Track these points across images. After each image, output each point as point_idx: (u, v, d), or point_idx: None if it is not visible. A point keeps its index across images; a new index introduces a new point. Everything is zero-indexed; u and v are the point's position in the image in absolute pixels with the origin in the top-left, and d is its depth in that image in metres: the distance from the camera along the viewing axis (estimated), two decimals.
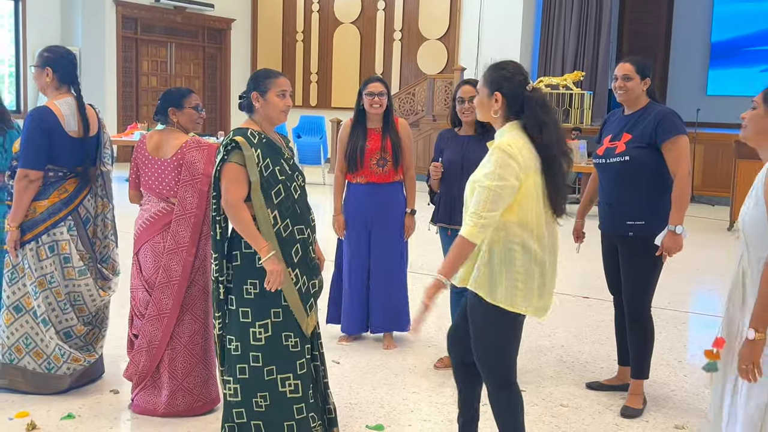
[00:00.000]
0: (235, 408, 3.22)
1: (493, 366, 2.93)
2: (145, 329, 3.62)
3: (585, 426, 3.71)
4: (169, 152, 3.64)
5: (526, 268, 2.80)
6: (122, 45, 14.30)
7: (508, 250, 2.79)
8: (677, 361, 4.70)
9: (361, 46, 15.71)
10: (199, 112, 3.74)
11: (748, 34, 15.76)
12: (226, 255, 3.21)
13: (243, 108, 3.30)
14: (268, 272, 3.09)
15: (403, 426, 3.65)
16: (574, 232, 4.23)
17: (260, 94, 3.22)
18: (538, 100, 2.86)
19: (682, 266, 7.21)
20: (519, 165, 2.74)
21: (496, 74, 2.88)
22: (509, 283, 2.79)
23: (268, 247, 3.10)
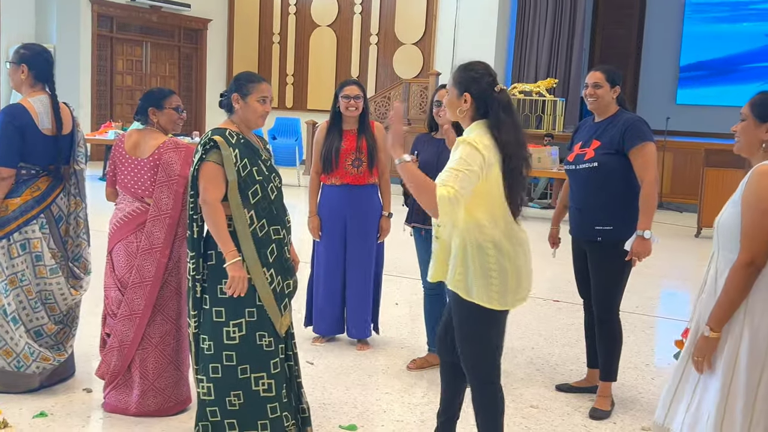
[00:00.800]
0: (209, 407, 3.24)
1: (475, 363, 2.98)
2: (117, 328, 3.63)
3: (554, 427, 3.78)
4: (147, 152, 3.65)
5: (500, 264, 2.85)
6: (97, 43, 14.20)
7: (481, 248, 2.85)
8: (645, 364, 4.79)
9: (337, 49, 15.75)
10: (179, 113, 3.75)
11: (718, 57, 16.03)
12: (202, 254, 3.24)
13: (223, 107, 3.34)
14: (231, 277, 3.13)
15: (375, 426, 3.69)
16: (550, 238, 4.30)
17: (241, 96, 3.26)
18: (502, 102, 2.90)
19: (651, 271, 7.34)
20: (483, 159, 2.78)
21: (465, 75, 2.93)
22: (485, 281, 2.85)
23: (235, 252, 3.15)
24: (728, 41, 15.90)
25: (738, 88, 15.28)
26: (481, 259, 2.85)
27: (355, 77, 15.48)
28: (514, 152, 2.87)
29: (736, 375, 2.53)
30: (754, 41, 15.61)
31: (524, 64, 14.76)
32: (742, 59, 15.74)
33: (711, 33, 16.10)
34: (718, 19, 16.06)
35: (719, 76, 15.98)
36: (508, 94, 2.95)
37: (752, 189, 2.51)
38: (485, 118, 2.90)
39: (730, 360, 2.54)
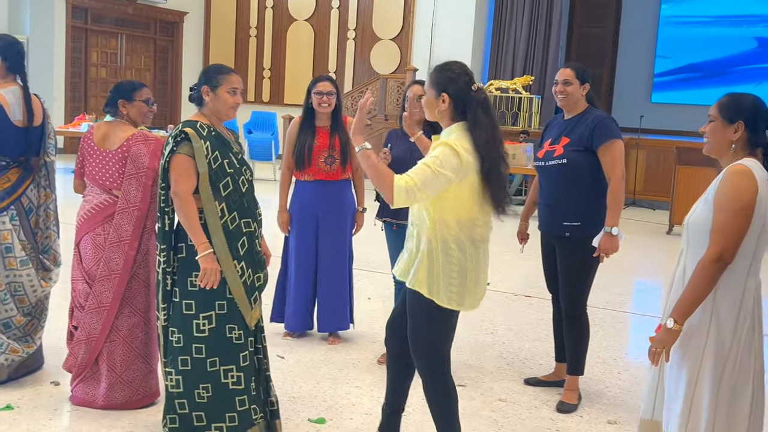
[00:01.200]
0: (177, 399, 3.25)
1: (427, 357, 3.02)
2: (85, 321, 3.61)
3: (521, 420, 3.82)
4: (115, 144, 3.63)
5: (462, 266, 2.89)
6: (71, 35, 14.05)
7: (446, 248, 2.88)
8: (612, 359, 4.86)
9: (314, 43, 15.72)
10: (149, 106, 3.74)
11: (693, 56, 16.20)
12: (173, 247, 3.24)
13: (193, 100, 3.34)
14: (203, 269, 3.14)
15: (344, 419, 3.70)
16: (519, 233, 4.35)
17: (211, 88, 3.26)
18: (480, 100, 2.93)
19: (622, 267, 7.43)
20: (461, 163, 2.81)
21: (442, 75, 2.95)
22: (445, 281, 2.89)
23: (206, 244, 3.15)
24: (701, 41, 16.07)
25: (714, 90, 15.46)
26: (445, 259, 2.89)
27: (332, 72, 15.48)
28: (492, 152, 2.90)
29: (702, 371, 2.59)
30: (728, 43, 15.79)
31: (501, 60, 14.82)
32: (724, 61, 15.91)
33: (686, 34, 16.26)
34: (693, 20, 16.22)
35: (695, 76, 16.14)
36: (485, 92, 2.97)
37: (725, 189, 2.56)
38: (463, 117, 2.92)
39: (696, 356, 2.60)
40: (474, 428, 3.68)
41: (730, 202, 2.53)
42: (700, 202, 2.70)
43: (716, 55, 15.67)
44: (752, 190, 2.54)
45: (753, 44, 15.42)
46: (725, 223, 2.53)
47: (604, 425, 3.82)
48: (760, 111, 2.63)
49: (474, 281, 2.94)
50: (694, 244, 2.66)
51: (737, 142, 2.64)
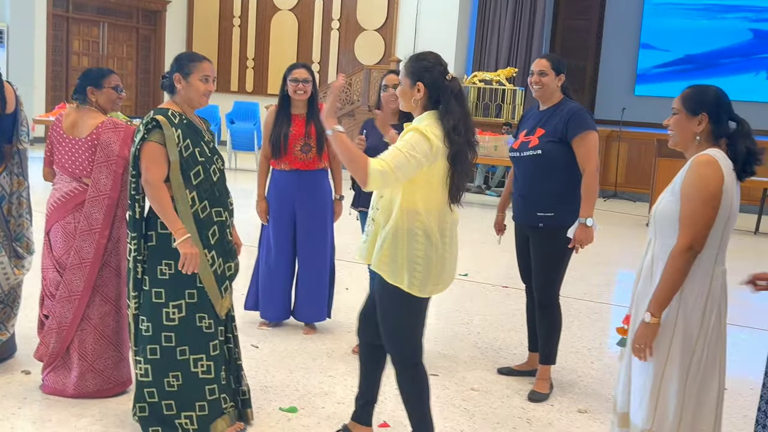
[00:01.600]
0: (147, 388, 3.24)
1: (398, 345, 3.03)
2: (56, 310, 3.60)
3: (493, 409, 3.84)
4: (84, 131, 3.60)
5: (427, 253, 2.90)
6: (53, 23, 13.93)
7: (412, 234, 2.89)
8: (587, 349, 4.89)
9: (298, 33, 15.66)
10: (118, 92, 3.71)
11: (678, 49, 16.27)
12: (143, 235, 3.23)
13: (164, 87, 3.32)
14: (183, 255, 3.12)
15: (316, 408, 3.71)
16: (495, 225, 4.36)
17: (183, 76, 3.24)
18: (454, 90, 2.95)
19: (600, 259, 7.48)
20: (431, 148, 2.83)
21: (417, 65, 2.96)
22: (409, 267, 2.90)
23: (183, 230, 3.14)
24: (686, 35, 16.14)
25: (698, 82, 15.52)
26: (410, 245, 2.90)
27: (317, 62, 15.44)
28: (460, 139, 2.91)
29: (670, 360, 2.61)
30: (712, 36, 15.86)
31: (485, 52, 14.84)
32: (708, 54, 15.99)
33: (672, 25, 16.32)
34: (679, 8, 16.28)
35: (683, 68, 16.21)
36: (459, 82, 2.99)
37: (692, 179, 2.58)
38: (437, 106, 2.94)
39: (664, 346, 2.62)
40: (446, 417, 3.70)
41: (697, 192, 2.55)
42: (667, 192, 2.72)
43: (703, 47, 15.74)
44: (718, 180, 2.56)
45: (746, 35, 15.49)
46: (694, 213, 2.55)
47: (574, 414, 3.84)
48: (722, 103, 2.65)
49: (439, 269, 2.95)
50: (661, 235, 2.68)
51: (701, 133, 2.65)
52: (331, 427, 3.47)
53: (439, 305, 5.66)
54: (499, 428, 3.63)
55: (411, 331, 3.03)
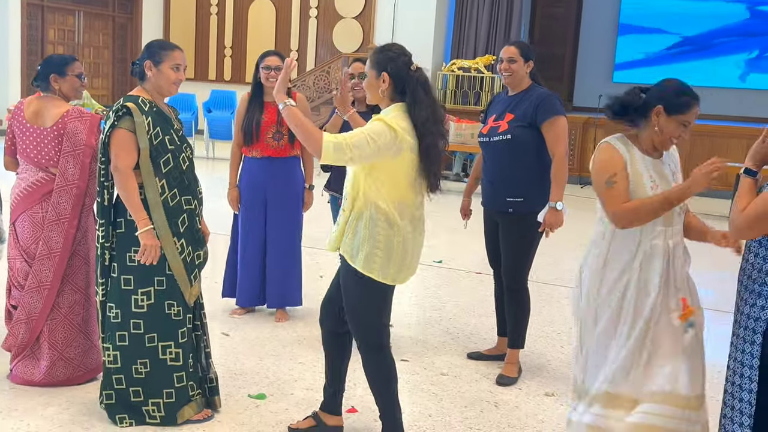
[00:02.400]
0: (115, 374, 3.25)
1: (362, 329, 3.06)
2: (25, 301, 3.58)
3: (461, 393, 3.88)
4: (49, 121, 3.58)
5: (388, 239, 2.94)
6: (27, 12, 13.76)
7: (374, 220, 2.93)
8: (556, 333, 4.93)
9: (276, 21, 15.57)
10: (81, 80, 3.69)
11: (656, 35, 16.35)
12: (112, 222, 3.23)
13: (135, 74, 3.33)
14: (143, 245, 3.15)
15: (285, 394, 3.73)
16: (462, 209, 4.39)
17: (154, 63, 3.25)
18: (420, 80, 2.98)
19: (572, 244, 7.52)
20: (396, 138, 2.87)
21: (382, 56, 3.00)
22: (370, 251, 2.93)
23: (147, 220, 3.15)
24: (666, 20, 16.22)
25: (675, 66, 15.67)
26: (372, 230, 2.93)
27: (295, 50, 15.37)
28: (430, 129, 2.95)
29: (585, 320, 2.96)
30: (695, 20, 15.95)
31: (463, 40, 14.83)
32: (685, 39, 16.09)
33: (648, 12, 16.39)
34: None
35: (656, 55, 16.30)
36: (424, 73, 3.02)
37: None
38: (403, 97, 2.97)
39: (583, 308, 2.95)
40: (414, 402, 3.73)
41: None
42: None
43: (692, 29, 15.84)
44: None
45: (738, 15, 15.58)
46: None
47: (541, 397, 3.89)
48: None
49: (400, 256, 2.98)
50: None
51: None
52: (300, 413, 3.49)
53: (411, 291, 5.69)
54: (467, 411, 3.67)
55: (374, 315, 3.05)
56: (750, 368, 2.47)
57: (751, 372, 2.47)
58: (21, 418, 3.31)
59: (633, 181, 2.80)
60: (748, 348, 2.49)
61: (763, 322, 2.46)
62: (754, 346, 2.47)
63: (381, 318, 3.08)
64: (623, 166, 2.80)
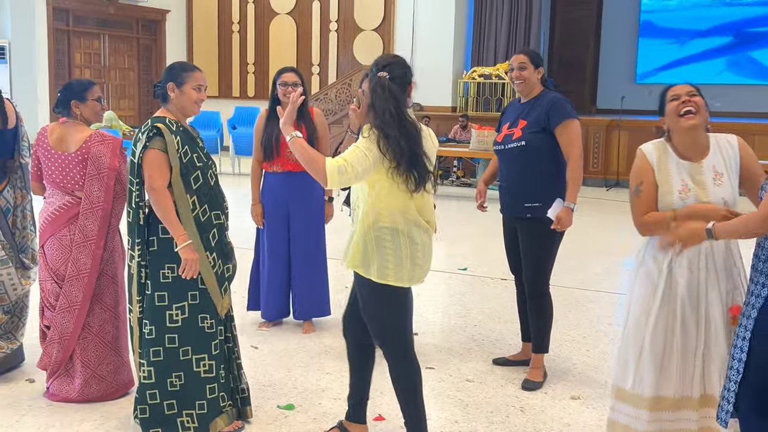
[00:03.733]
0: (149, 390, 3.34)
1: (385, 338, 3.11)
2: (57, 321, 3.68)
3: (487, 399, 3.91)
4: (73, 146, 3.68)
5: (396, 248, 3.00)
6: (54, 37, 14.08)
7: (379, 235, 3.00)
8: (582, 337, 4.94)
9: (297, 36, 15.75)
10: (101, 104, 3.81)
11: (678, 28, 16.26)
12: (146, 240, 3.32)
13: (157, 96, 3.43)
14: (184, 260, 3.23)
15: (313, 404, 3.79)
16: (477, 193, 4.35)
17: (177, 85, 3.35)
18: (375, 86, 2.96)
19: (598, 248, 7.54)
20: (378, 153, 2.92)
21: (371, 68, 3.07)
22: (381, 258, 2.99)
23: (185, 236, 3.25)
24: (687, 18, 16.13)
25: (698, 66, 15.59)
26: (378, 244, 3.00)
27: (316, 64, 15.53)
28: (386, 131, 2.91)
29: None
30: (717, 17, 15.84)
31: (483, 47, 14.88)
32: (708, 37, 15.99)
33: (669, 11, 16.31)
34: None
35: (679, 54, 16.20)
36: (383, 80, 2.96)
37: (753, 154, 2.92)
38: None
39: None
40: (440, 408, 3.77)
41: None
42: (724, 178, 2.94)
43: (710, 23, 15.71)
44: None
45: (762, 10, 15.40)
46: None
47: (567, 401, 3.91)
48: None
49: (411, 260, 3.02)
50: None
51: None
52: (328, 422, 3.55)
53: (436, 299, 5.75)
54: (493, 417, 3.70)
55: (395, 321, 3.10)
56: (743, 340, 2.51)
57: (743, 343, 2.50)
58: None
59: (661, 187, 2.87)
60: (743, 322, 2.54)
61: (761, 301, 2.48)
62: (749, 320, 2.50)
63: (403, 323, 3.12)
64: (651, 174, 2.88)
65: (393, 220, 2.99)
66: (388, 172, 2.94)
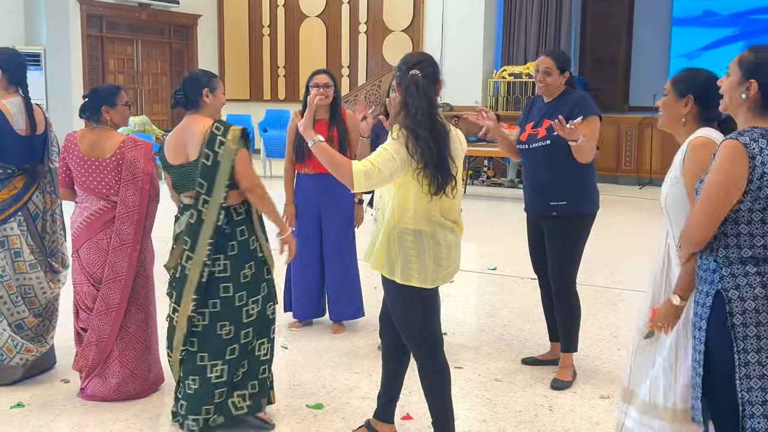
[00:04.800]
0: (219, 389, 3.41)
1: (414, 337, 3.13)
2: (94, 323, 3.75)
3: (516, 398, 3.91)
4: (108, 152, 3.74)
5: (419, 249, 2.99)
6: (87, 43, 14.30)
7: (400, 231, 3.00)
8: (613, 336, 4.91)
9: (327, 38, 15.82)
10: (129, 107, 3.88)
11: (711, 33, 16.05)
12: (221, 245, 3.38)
13: (179, 105, 3.50)
14: (289, 244, 3.47)
15: (342, 404, 3.82)
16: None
17: (210, 90, 3.48)
18: (409, 84, 2.97)
19: (629, 247, 7.47)
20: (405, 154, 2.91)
21: (398, 66, 3.07)
22: (404, 260, 3.00)
23: (285, 225, 3.53)
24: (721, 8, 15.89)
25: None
26: (400, 239, 3.00)
27: (346, 66, 15.58)
28: (417, 132, 2.91)
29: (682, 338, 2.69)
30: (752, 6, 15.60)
31: (513, 46, 14.80)
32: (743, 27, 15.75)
33: (702, 12, 16.10)
34: None
35: (713, 48, 15.98)
36: (417, 78, 2.97)
37: (693, 164, 2.60)
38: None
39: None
40: (468, 408, 3.78)
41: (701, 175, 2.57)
42: (669, 181, 2.75)
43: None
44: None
45: None
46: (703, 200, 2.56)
47: (596, 400, 3.89)
48: (711, 87, 2.65)
49: (434, 263, 3.02)
50: (675, 224, 2.72)
51: (687, 116, 2.69)
52: (356, 421, 3.58)
53: (465, 299, 5.74)
54: (521, 416, 3.70)
55: (422, 321, 3.11)
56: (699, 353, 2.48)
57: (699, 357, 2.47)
58: None
59: None
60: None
61: None
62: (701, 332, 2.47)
63: (430, 323, 3.13)
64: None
65: (416, 222, 2.99)
66: (414, 173, 2.94)
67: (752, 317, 2.35)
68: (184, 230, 3.40)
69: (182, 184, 3.44)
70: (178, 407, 3.46)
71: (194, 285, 3.37)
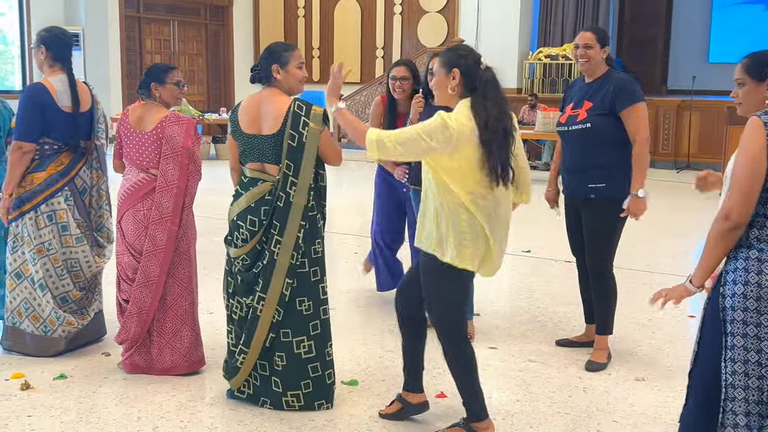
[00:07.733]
0: (311, 363, 3.46)
1: (447, 323, 3.15)
2: (135, 295, 3.83)
3: (550, 379, 3.91)
4: (150, 125, 3.82)
5: (472, 228, 3.00)
6: (125, 24, 14.46)
7: (454, 212, 3.00)
8: (648, 319, 4.88)
9: (361, 20, 15.80)
10: (180, 88, 3.91)
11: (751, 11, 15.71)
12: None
13: (257, 80, 3.45)
14: None
15: (376, 380, 3.86)
16: (548, 200, 4.37)
17: (281, 66, 3.37)
18: (489, 78, 3.04)
19: (671, 231, 7.40)
20: (451, 138, 2.91)
21: (451, 54, 3.08)
22: (457, 242, 3.00)
23: None
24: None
25: None
26: (455, 222, 3.00)
27: (380, 47, 15.55)
28: (496, 125, 2.97)
29: None
30: None
31: (550, 27, 14.67)
32: None
33: None
34: None
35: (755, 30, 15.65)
36: (493, 72, 3.06)
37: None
38: (471, 94, 3.02)
39: None
40: (501, 387, 3.80)
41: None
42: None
43: None
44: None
45: None
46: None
47: (631, 382, 3.88)
48: None
49: (485, 244, 3.03)
50: None
51: None
52: (390, 397, 3.61)
53: (500, 281, 5.73)
54: (555, 396, 3.70)
55: (458, 308, 3.14)
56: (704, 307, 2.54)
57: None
58: (132, 404, 3.56)
59: None
60: None
61: None
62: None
63: (464, 306, 3.17)
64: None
65: (469, 203, 2.98)
66: (479, 162, 2.96)
67: (740, 302, 2.39)
68: (269, 213, 3.34)
69: (249, 153, 3.42)
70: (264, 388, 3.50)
71: (284, 270, 3.35)
